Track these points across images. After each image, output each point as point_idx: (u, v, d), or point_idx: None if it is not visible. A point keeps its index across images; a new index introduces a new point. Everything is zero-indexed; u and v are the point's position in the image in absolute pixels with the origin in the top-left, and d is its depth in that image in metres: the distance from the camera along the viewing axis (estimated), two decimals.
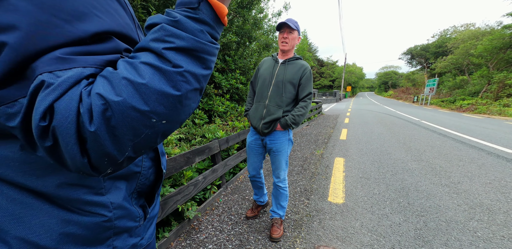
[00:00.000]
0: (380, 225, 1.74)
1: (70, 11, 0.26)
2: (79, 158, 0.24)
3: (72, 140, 0.23)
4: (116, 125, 0.24)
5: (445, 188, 2.40)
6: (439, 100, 18.53)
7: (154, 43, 0.28)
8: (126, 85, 0.25)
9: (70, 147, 0.23)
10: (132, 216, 0.41)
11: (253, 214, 1.83)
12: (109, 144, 0.25)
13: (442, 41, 29.78)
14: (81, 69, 0.24)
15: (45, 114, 0.22)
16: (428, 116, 9.69)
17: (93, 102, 0.23)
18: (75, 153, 0.24)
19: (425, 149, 4.06)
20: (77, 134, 0.23)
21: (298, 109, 1.42)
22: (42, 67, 0.23)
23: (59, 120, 0.22)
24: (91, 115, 0.23)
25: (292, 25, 1.31)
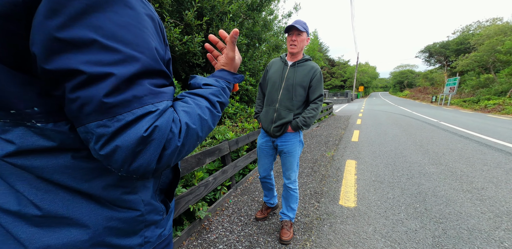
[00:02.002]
0: (395, 231, 1.68)
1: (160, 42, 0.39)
2: (153, 164, 0.32)
3: (159, 150, 0.32)
4: (185, 143, 0.36)
5: (467, 194, 2.26)
6: (461, 100, 17.42)
7: (212, 96, 0.46)
8: (198, 119, 0.39)
9: (154, 155, 0.31)
10: (157, 210, 0.47)
11: (263, 216, 1.84)
12: (178, 156, 0.36)
13: (464, 37, 28.01)
14: (168, 102, 0.35)
15: (148, 130, 0.30)
16: (448, 117, 9.15)
17: (182, 126, 0.35)
18: (153, 159, 0.32)
19: (444, 152, 3.84)
20: (163, 146, 0.32)
21: (309, 111, 1.41)
22: (147, 100, 0.32)
23: (158, 134, 0.31)
24: (179, 134, 0.35)
25: (301, 27, 1.30)
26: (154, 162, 0.32)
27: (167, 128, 0.32)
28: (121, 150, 0.29)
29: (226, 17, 3.15)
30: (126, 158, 0.30)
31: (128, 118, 0.29)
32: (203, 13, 3.01)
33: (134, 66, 0.30)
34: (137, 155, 0.30)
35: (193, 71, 3.48)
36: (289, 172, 1.54)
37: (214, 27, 3.17)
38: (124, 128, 0.29)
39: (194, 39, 2.73)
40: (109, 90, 0.28)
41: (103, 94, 0.27)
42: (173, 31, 2.50)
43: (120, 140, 0.29)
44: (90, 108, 0.28)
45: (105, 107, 0.28)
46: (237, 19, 3.74)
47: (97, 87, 0.27)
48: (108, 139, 0.29)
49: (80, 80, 0.27)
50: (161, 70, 0.34)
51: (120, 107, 0.29)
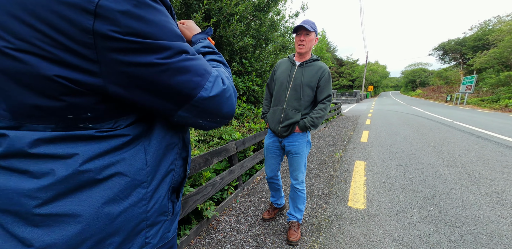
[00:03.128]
0: (407, 235, 1.62)
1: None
2: (234, 106, 0.49)
3: (233, 95, 0.49)
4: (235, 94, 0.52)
5: (486, 198, 2.15)
6: (478, 100, 16.56)
7: (222, 59, 0.61)
8: (229, 78, 0.54)
9: (234, 99, 0.48)
10: (163, 210, 0.46)
11: (270, 216, 1.83)
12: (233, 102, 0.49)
13: (482, 33, 26.60)
14: (216, 71, 0.48)
15: (223, 83, 0.46)
16: (464, 117, 8.73)
17: (231, 84, 0.50)
18: (234, 102, 0.49)
19: (460, 153, 3.67)
20: (233, 93, 0.49)
21: (317, 112, 1.39)
22: (210, 69, 0.45)
23: (229, 85, 0.48)
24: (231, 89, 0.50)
25: (309, 27, 1.29)
26: (235, 104, 0.48)
27: (228, 83, 0.48)
28: (219, 97, 0.44)
29: (233, 18, 3.18)
30: (222, 102, 0.45)
31: (212, 79, 0.43)
32: (211, 15, 3.06)
33: (192, 54, 0.42)
34: (228, 100, 0.46)
35: None
36: (296, 173, 1.53)
37: (221, 29, 3.21)
38: (214, 85, 0.43)
39: None
40: (197, 73, 0.42)
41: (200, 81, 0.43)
42: None
43: (215, 91, 0.44)
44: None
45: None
46: (244, 20, 3.76)
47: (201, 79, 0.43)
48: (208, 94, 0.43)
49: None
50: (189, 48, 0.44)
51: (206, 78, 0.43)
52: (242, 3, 3.34)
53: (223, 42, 3.43)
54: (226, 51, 3.57)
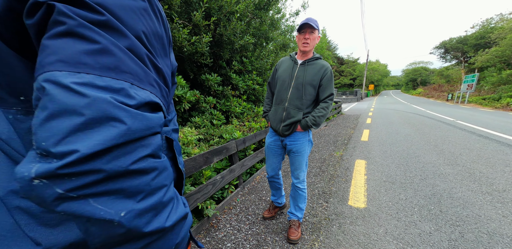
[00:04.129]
0: (408, 233, 1.62)
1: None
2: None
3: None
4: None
5: (487, 196, 2.14)
6: (480, 98, 16.49)
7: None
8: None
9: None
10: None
11: (270, 215, 1.84)
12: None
13: (484, 31, 26.37)
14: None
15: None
16: (465, 116, 8.70)
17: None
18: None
19: (461, 152, 3.66)
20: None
21: (319, 110, 1.39)
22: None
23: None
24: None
25: (314, 24, 1.28)
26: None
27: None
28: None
29: (233, 17, 3.16)
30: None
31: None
32: (211, 13, 3.04)
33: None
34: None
35: (201, 71, 3.52)
36: (297, 172, 1.53)
37: (221, 27, 3.19)
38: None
39: (202, 40, 2.77)
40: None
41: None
42: (181, 32, 2.55)
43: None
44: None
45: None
46: (244, 18, 3.74)
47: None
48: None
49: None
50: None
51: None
52: (242, 2, 3.32)
53: (223, 41, 3.42)
54: (227, 50, 3.56)
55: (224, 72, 3.78)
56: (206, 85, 3.36)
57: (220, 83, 3.59)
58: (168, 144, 0.45)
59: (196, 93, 2.87)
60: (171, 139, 0.45)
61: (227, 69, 3.80)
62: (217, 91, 3.51)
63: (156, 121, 0.28)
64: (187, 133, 2.06)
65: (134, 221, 0.25)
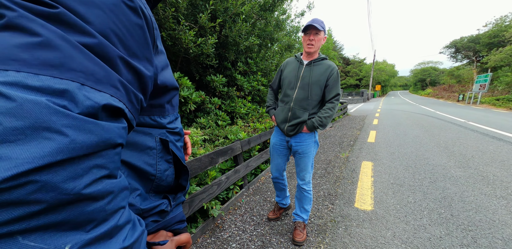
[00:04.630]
0: (417, 237, 1.57)
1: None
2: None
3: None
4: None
5: (501, 201, 2.06)
6: (493, 99, 15.89)
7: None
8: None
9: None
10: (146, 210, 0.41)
11: (275, 216, 1.83)
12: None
13: (498, 30, 25.43)
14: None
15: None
16: (477, 117, 8.41)
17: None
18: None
19: (473, 154, 3.53)
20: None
21: (325, 111, 1.38)
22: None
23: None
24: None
25: (319, 26, 1.27)
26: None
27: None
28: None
29: (239, 18, 3.19)
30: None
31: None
32: (217, 15, 3.08)
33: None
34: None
35: (206, 72, 3.56)
36: (303, 173, 1.51)
37: (227, 29, 3.22)
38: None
39: (208, 41, 2.80)
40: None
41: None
42: (188, 34, 2.59)
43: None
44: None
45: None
46: (250, 20, 3.77)
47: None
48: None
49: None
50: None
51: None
52: (248, 3, 3.34)
53: (228, 42, 3.45)
54: (232, 51, 3.59)
55: (229, 73, 3.81)
56: (212, 86, 3.39)
57: (225, 84, 3.62)
58: (164, 145, 0.43)
59: (202, 94, 2.90)
60: (166, 140, 0.43)
61: (232, 70, 3.83)
62: (222, 92, 3.54)
63: (116, 131, 0.23)
64: (192, 134, 2.08)
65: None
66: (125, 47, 0.27)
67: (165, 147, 0.44)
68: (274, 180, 1.72)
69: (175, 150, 0.47)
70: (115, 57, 0.25)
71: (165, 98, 0.41)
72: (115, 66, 0.25)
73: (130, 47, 0.28)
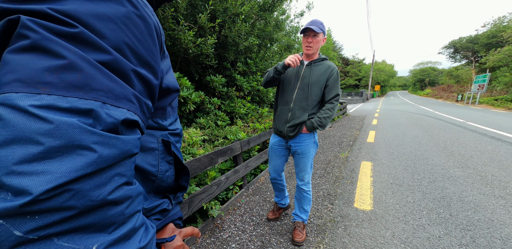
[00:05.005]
0: (416, 237, 1.58)
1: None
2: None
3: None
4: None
5: (500, 200, 2.07)
6: (492, 99, 15.96)
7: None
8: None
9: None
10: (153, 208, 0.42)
11: (275, 216, 1.83)
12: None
13: (496, 30, 25.53)
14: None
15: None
16: (476, 117, 8.44)
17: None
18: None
19: (472, 154, 3.55)
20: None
21: (324, 112, 1.38)
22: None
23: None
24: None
25: (317, 28, 1.27)
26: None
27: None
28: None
29: (238, 18, 3.19)
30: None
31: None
32: (216, 15, 3.08)
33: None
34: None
35: (205, 72, 3.56)
36: (302, 174, 1.51)
37: (226, 29, 3.22)
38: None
39: (207, 41, 2.80)
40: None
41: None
42: (187, 34, 2.59)
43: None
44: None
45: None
46: (249, 20, 3.77)
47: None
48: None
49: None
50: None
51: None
52: (247, 3, 3.35)
53: (228, 43, 3.45)
54: (231, 52, 3.59)
55: (228, 74, 3.81)
56: (211, 87, 3.39)
57: (224, 85, 3.62)
58: (166, 147, 0.44)
59: (201, 94, 2.90)
60: (168, 141, 0.44)
61: (232, 70, 3.83)
62: (222, 93, 3.54)
63: (133, 143, 0.25)
64: (192, 134, 2.08)
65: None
66: (137, 58, 0.28)
67: (167, 148, 0.44)
68: (273, 181, 1.72)
69: (176, 151, 0.47)
70: (128, 71, 0.26)
71: (167, 100, 0.42)
72: (129, 80, 0.26)
73: (142, 57, 0.29)
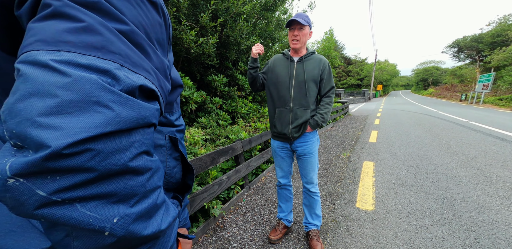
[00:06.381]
0: (419, 238, 1.56)
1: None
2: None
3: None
4: None
5: (505, 201, 2.04)
6: (496, 99, 15.75)
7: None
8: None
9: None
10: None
11: (279, 236, 1.56)
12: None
13: (501, 29, 25.19)
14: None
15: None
16: (480, 117, 8.34)
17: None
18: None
19: (476, 154, 3.51)
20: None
21: (324, 107, 1.36)
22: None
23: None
24: None
25: (303, 20, 1.20)
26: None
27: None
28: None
29: (240, 18, 3.19)
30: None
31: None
32: (218, 15, 3.08)
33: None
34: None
35: (207, 72, 3.56)
36: (310, 175, 1.44)
37: (228, 29, 3.22)
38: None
39: (209, 41, 2.80)
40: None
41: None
42: (189, 33, 2.59)
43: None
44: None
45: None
46: (251, 19, 3.76)
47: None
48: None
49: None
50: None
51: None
52: (249, 3, 3.34)
53: (229, 42, 3.45)
54: (233, 51, 3.59)
55: (230, 73, 3.81)
56: (213, 86, 3.39)
57: (226, 84, 3.62)
58: (173, 143, 0.44)
59: (203, 94, 2.90)
60: (175, 138, 0.44)
61: (233, 70, 3.83)
62: (223, 92, 3.54)
63: (151, 111, 0.24)
64: (193, 133, 2.09)
65: (129, 227, 0.22)
66: (150, 40, 0.28)
67: (174, 145, 0.45)
68: (282, 187, 1.57)
69: (182, 148, 0.48)
70: (145, 44, 0.27)
71: (174, 95, 0.43)
72: (145, 53, 0.27)
73: (152, 41, 0.29)
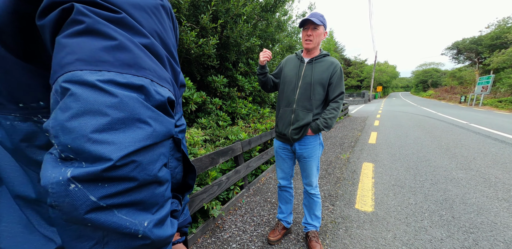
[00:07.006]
0: (417, 239, 1.57)
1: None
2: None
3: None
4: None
5: (503, 203, 2.04)
6: (495, 101, 15.81)
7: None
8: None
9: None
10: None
11: (278, 238, 1.57)
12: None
13: (500, 31, 25.31)
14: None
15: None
16: (479, 119, 8.36)
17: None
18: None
19: (475, 156, 3.51)
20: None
21: (329, 112, 1.29)
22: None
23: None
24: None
25: (317, 20, 1.17)
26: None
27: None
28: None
29: (240, 19, 3.20)
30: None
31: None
32: (218, 16, 3.09)
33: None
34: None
35: (207, 72, 3.57)
36: (310, 178, 1.44)
37: (228, 30, 3.23)
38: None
39: (209, 42, 2.81)
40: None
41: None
42: (189, 34, 2.60)
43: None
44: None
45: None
46: (251, 21, 3.78)
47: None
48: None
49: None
50: None
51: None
52: (249, 4, 3.36)
53: (229, 43, 3.46)
54: (233, 52, 3.60)
55: (230, 74, 3.82)
56: (213, 87, 3.40)
57: (226, 85, 3.63)
58: (176, 144, 0.44)
59: (203, 94, 2.91)
60: (178, 138, 0.44)
61: (234, 71, 3.84)
62: (223, 93, 3.55)
63: (173, 124, 0.27)
64: (193, 134, 2.09)
65: (154, 230, 0.24)
66: (164, 46, 0.30)
67: (177, 145, 0.45)
68: (282, 189, 1.57)
69: (184, 149, 0.48)
70: (163, 56, 0.28)
71: (180, 94, 0.44)
72: (163, 63, 0.28)
73: (167, 46, 0.30)
